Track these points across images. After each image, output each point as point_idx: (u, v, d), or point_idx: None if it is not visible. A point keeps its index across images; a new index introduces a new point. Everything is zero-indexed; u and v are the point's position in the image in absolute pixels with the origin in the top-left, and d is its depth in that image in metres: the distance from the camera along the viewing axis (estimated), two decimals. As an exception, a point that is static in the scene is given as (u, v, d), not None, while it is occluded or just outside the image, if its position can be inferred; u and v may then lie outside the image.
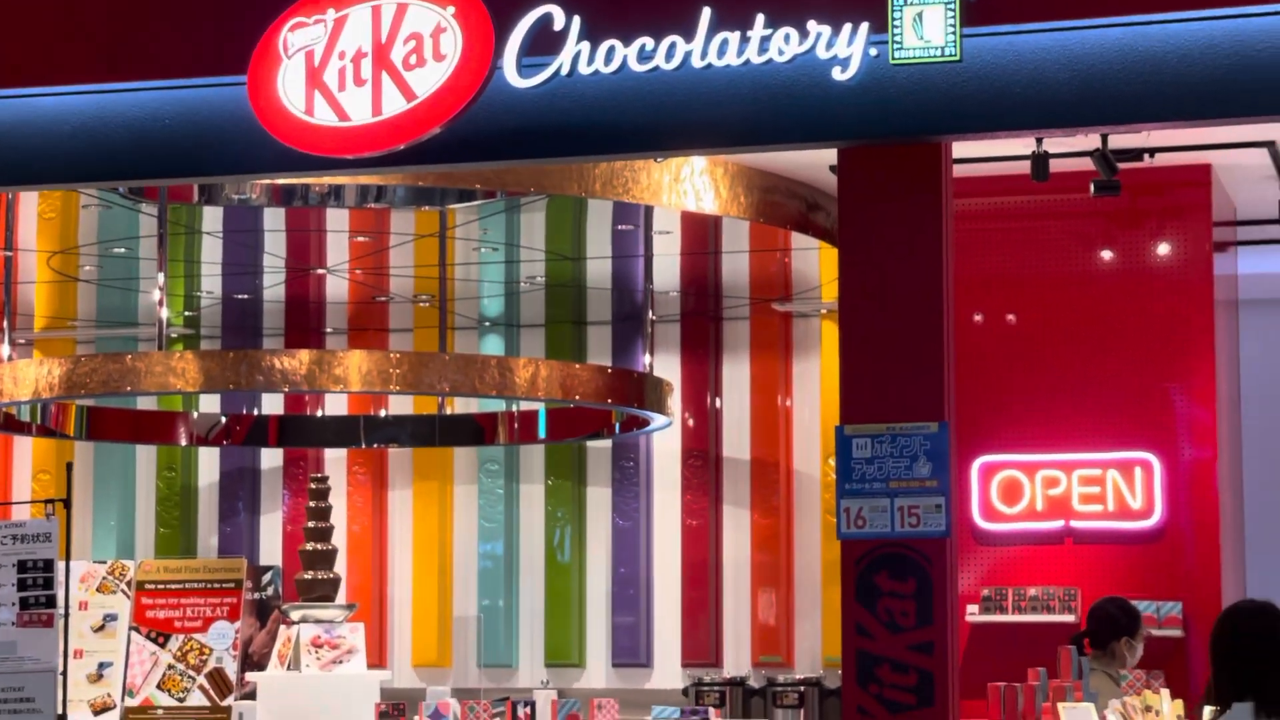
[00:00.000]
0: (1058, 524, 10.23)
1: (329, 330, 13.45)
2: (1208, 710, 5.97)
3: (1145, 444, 10.13)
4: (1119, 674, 8.18)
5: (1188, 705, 7.42)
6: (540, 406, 11.88)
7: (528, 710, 9.61)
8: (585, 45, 7.07)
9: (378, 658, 12.70)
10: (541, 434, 12.26)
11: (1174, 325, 10.21)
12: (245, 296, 13.13)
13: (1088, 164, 9.29)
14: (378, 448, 12.90)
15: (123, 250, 12.10)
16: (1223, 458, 10.26)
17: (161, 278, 10.45)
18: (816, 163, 9.59)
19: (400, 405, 12.89)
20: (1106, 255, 10.38)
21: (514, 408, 12.11)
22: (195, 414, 12.52)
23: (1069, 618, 9.80)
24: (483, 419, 12.39)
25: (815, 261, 12.30)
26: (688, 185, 9.59)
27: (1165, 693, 7.25)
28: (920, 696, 6.56)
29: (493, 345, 13.14)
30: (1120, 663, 8.41)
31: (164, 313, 10.48)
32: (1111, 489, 10.14)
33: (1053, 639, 8.65)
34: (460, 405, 12.53)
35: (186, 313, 13.28)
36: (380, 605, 13.19)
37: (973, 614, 10.24)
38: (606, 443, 12.89)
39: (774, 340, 12.81)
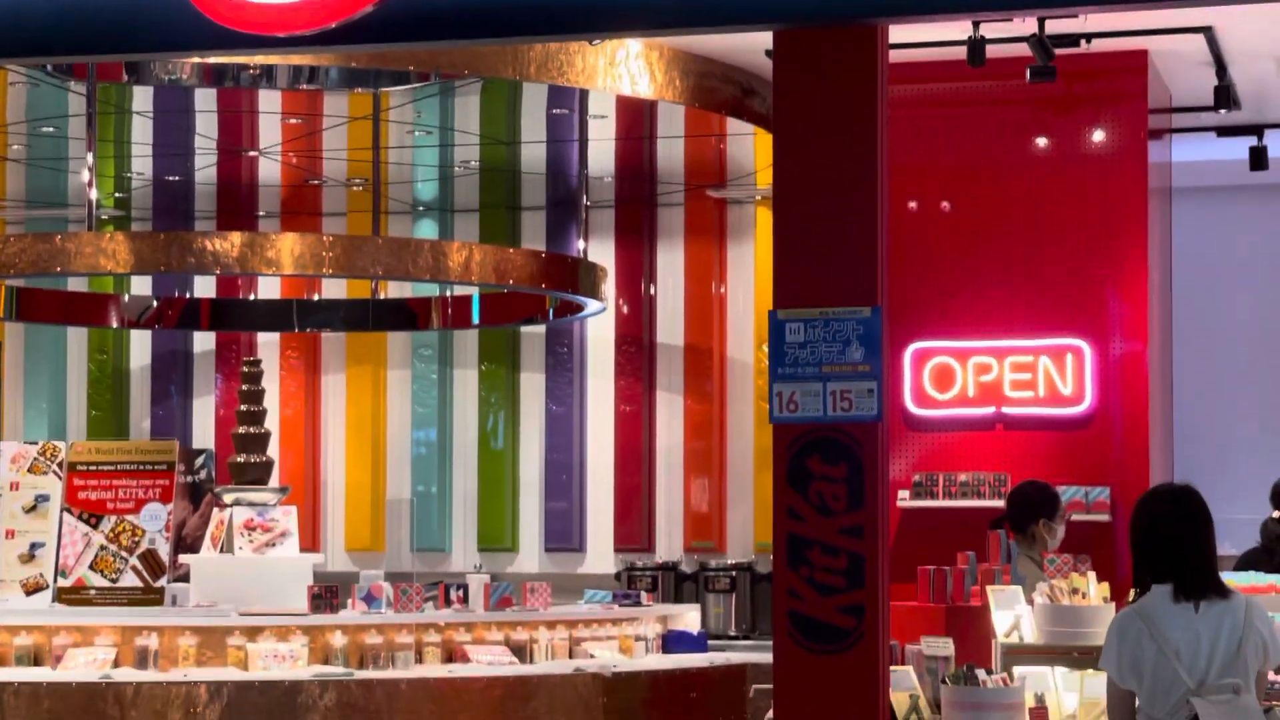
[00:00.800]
0: (989, 410, 10.28)
1: (261, 214, 13.36)
2: (1132, 593, 6.03)
3: (1077, 331, 10.18)
4: (1039, 557, 8.23)
5: (1114, 588, 7.49)
6: (474, 291, 11.84)
7: (460, 594, 9.63)
8: (520, -76, 6.97)
9: (310, 541, 12.72)
10: (475, 319, 12.24)
11: (1108, 213, 10.23)
12: (176, 178, 13.01)
13: (1024, 50, 9.26)
14: (311, 332, 12.85)
15: (51, 130, 11.95)
16: (1153, 345, 10.32)
17: (91, 158, 10.34)
18: (752, 47, 9.54)
19: (333, 289, 12.84)
20: (1041, 142, 10.38)
21: (448, 292, 12.07)
22: (126, 296, 12.43)
23: (998, 503, 9.85)
24: (416, 304, 12.35)
25: (750, 147, 12.27)
26: (623, 69, 9.53)
27: (1092, 575, 7.31)
28: (850, 579, 6.58)
29: (426, 229, 13.08)
30: (1040, 545, 8.44)
31: (93, 193, 10.37)
32: (1042, 376, 10.18)
33: (982, 524, 8.70)
34: (394, 290, 12.49)
35: (117, 194, 13.16)
36: (313, 489, 13.19)
37: (904, 499, 10.30)
38: (540, 328, 12.88)
39: (709, 226, 12.79)
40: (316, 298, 12.75)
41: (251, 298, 12.90)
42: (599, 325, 12.74)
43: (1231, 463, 11.94)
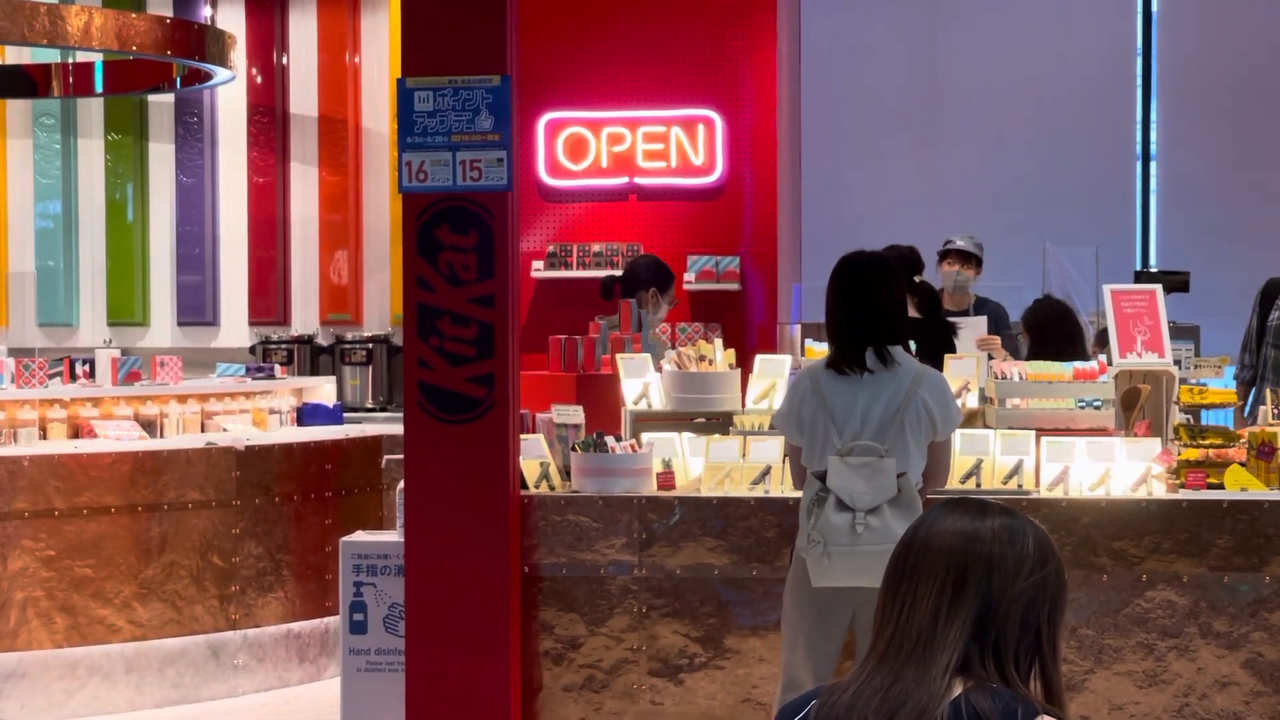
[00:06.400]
0: (622, 180, 10.35)
1: None
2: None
3: (708, 102, 10.27)
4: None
5: (740, 355, 7.66)
6: (96, 58, 11.43)
7: (87, 369, 9.41)
8: None
9: (-72, 317, 12.30)
10: (99, 87, 11.83)
11: (739, -16, 10.29)
12: None
13: None
14: (-78, 99, 12.30)
15: None
16: (781, 117, 10.47)
17: None
18: None
19: (-54, 54, 12.28)
20: (674, -88, 10.37)
21: (69, 59, 11.63)
22: None
23: (633, 273, 9.97)
24: (34, 70, 11.88)
25: (383, -88, 12.02)
26: None
27: (718, 343, 7.46)
28: (480, 349, 6.60)
29: (44, -8, 12.56)
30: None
31: None
32: (674, 146, 10.27)
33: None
34: (11, 55, 11.99)
35: None
36: (-70, 264, 12.72)
37: (538, 269, 10.34)
38: (169, 97, 12.53)
39: (342, -7, 12.54)
40: (-72, 63, 12.19)
41: None
42: (230, 95, 12.44)
43: (859, 233, 12.23)
